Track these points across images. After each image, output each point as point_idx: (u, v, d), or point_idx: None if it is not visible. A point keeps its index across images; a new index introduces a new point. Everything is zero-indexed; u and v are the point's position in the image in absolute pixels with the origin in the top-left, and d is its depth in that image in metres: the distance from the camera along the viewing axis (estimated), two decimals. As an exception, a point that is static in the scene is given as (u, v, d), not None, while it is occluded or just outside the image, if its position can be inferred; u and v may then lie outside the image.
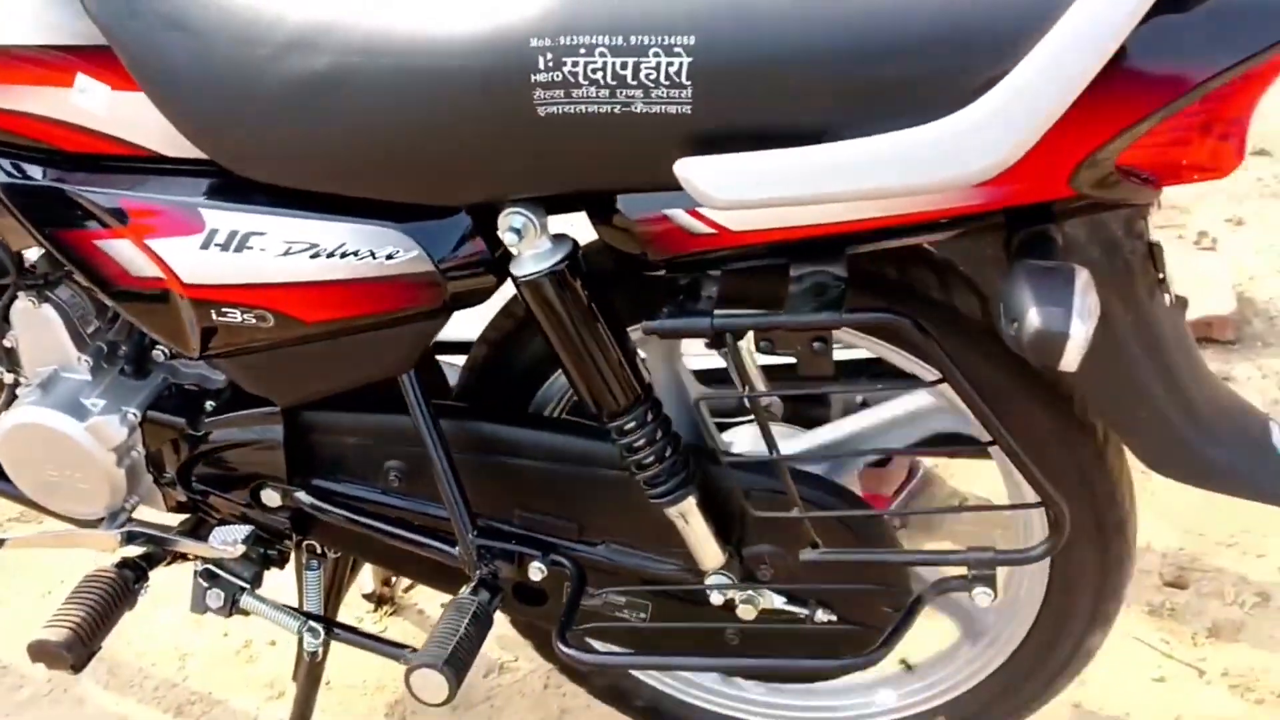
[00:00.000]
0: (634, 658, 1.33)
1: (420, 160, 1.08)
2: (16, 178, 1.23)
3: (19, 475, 1.43)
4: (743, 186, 0.97)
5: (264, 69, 1.09)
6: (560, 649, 1.25)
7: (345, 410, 1.36)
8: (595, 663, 1.35)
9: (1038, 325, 0.94)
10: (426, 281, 1.16)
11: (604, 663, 1.37)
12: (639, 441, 1.22)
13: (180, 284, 1.20)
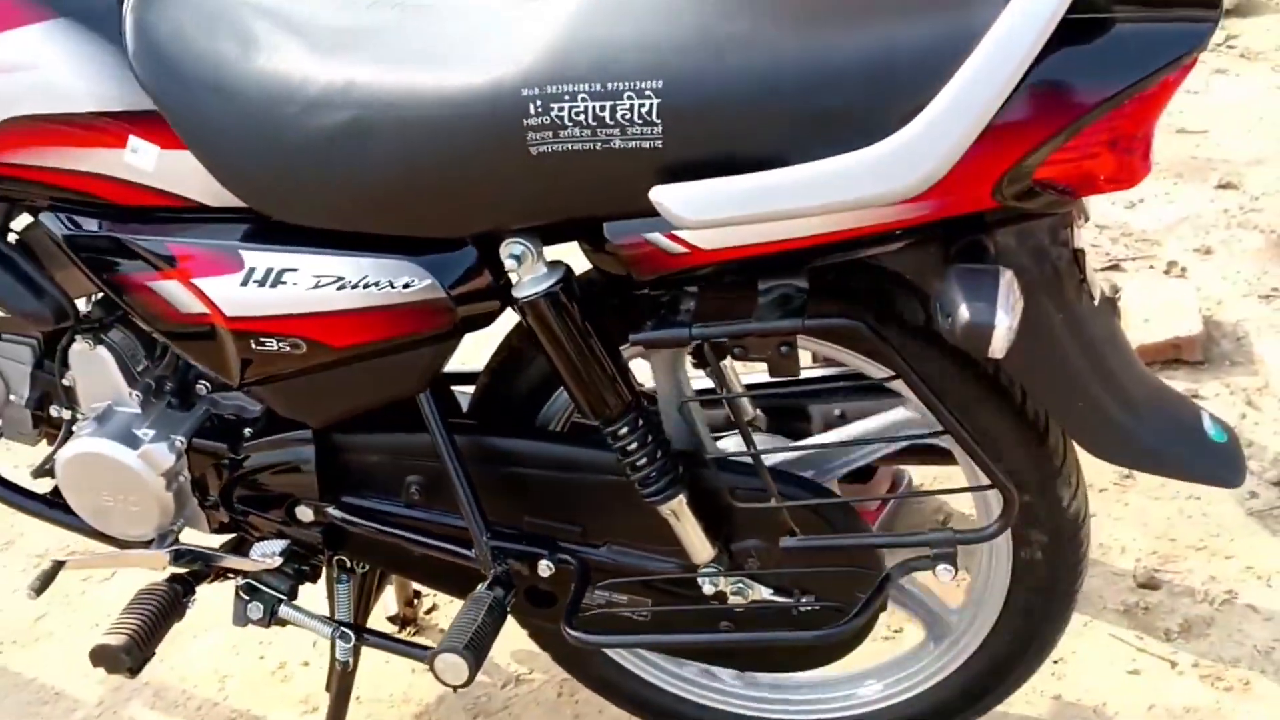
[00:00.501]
0: (634, 637, 1.45)
1: (431, 198, 1.25)
2: (76, 230, 1.40)
3: (78, 501, 1.58)
4: (708, 207, 1.13)
5: (293, 124, 1.26)
6: (567, 632, 1.39)
7: (369, 432, 1.51)
8: (599, 644, 1.47)
9: (967, 318, 1.09)
10: (439, 307, 1.32)
11: (606, 644, 1.48)
12: (631, 445, 1.36)
13: (224, 318, 1.36)
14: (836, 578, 1.43)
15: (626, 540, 1.48)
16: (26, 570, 2.19)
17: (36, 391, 1.63)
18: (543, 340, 1.32)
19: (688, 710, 1.71)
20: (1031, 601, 1.47)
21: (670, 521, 1.41)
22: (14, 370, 1.63)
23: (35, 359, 1.62)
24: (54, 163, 1.36)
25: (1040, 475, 1.36)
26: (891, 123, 1.07)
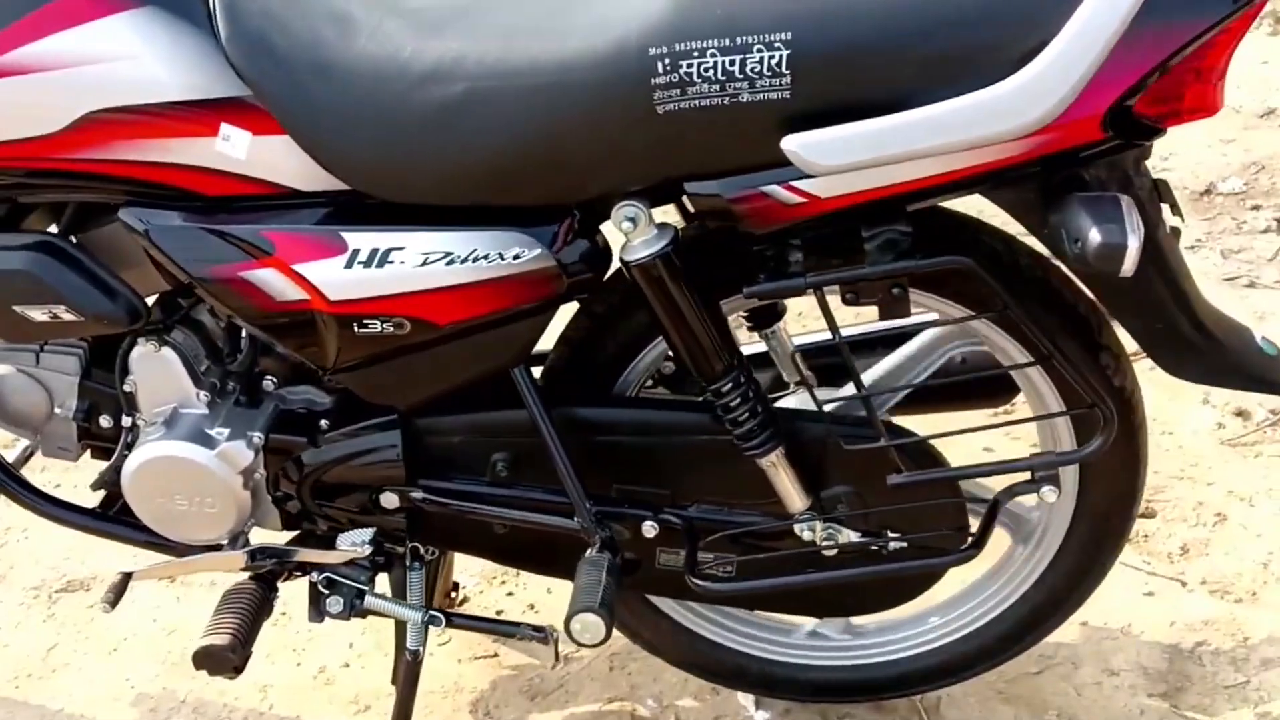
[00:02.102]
0: (755, 583, 1.49)
1: (551, 164, 1.27)
2: (162, 225, 1.37)
3: (146, 508, 1.53)
4: (843, 152, 1.19)
5: (403, 101, 1.27)
6: (694, 583, 1.42)
7: (453, 413, 1.51)
8: (725, 591, 1.49)
9: (1100, 240, 1.16)
10: (547, 276, 1.34)
11: (733, 590, 1.51)
12: (734, 401, 1.41)
13: (326, 302, 1.35)
14: (923, 514, 1.49)
15: (714, 499, 1.51)
16: (25, 604, 2.10)
17: (85, 402, 1.58)
18: (653, 302, 1.36)
19: (755, 667, 1.76)
20: (1098, 523, 1.56)
21: (768, 473, 1.45)
22: (60, 382, 1.57)
23: (83, 369, 1.57)
24: (138, 156, 1.33)
25: (1115, 400, 1.45)
26: (1011, 61, 1.14)
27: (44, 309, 1.42)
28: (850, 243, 1.31)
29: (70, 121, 1.31)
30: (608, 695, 1.87)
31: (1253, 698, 1.80)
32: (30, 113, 1.31)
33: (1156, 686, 1.83)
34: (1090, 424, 1.41)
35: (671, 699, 1.86)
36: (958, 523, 1.50)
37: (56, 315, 1.43)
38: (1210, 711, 1.79)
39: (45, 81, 1.29)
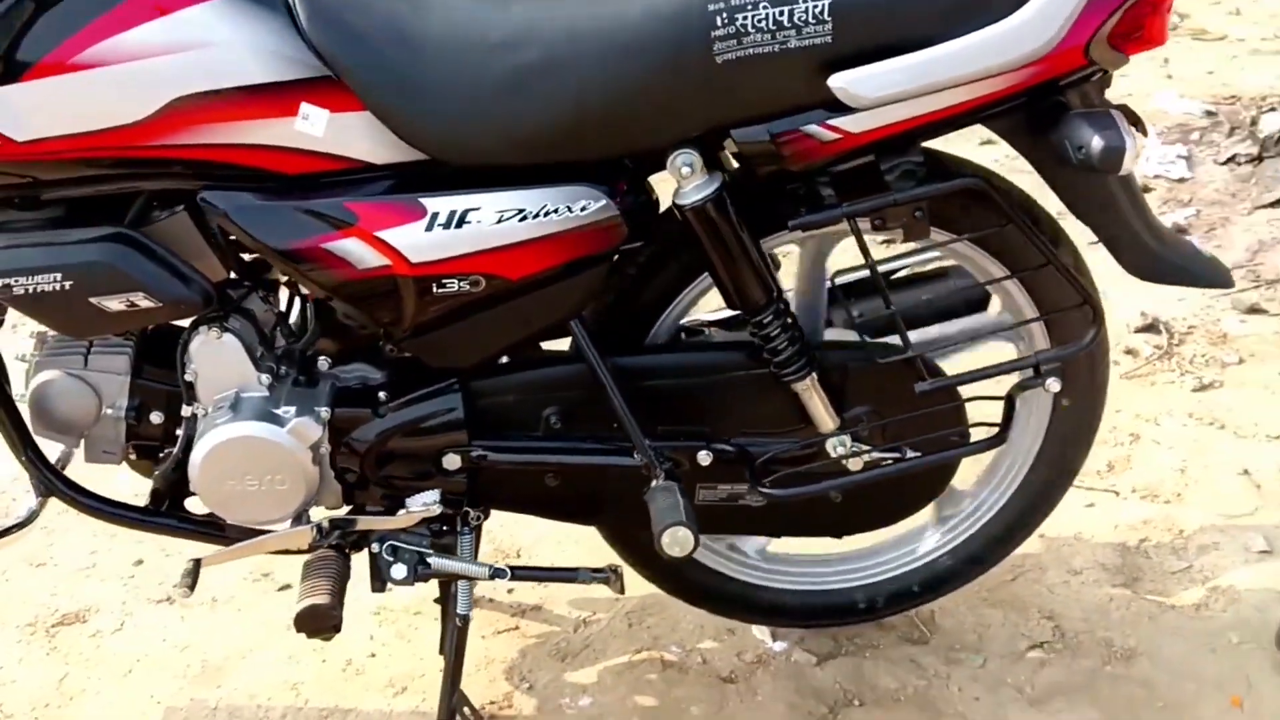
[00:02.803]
0: (814, 486, 1.63)
1: (619, 119, 1.41)
2: (247, 203, 1.44)
3: (216, 493, 1.58)
4: (885, 85, 1.37)
5: (481, 69, 1.40)
6: (761, 492, 1.57)
7: (505, 374, 1.62)
8: (789, 495, 1.62)
9: (1103, 144, 1.37)
10: (611, 225, 1.48)
11: (796, 494, 1.63)
12: (775, 331, 1.56)
13: (407, 264, 1.45)
14: (931, 420, 1.67)
15: (750, 430, 1.66)
16: (23, 641, 2.07)
17: (135, 400, 1.62)
18: (705, 241, 1.50)
19: (764, 596, 1.90)
20: (1066, 431, 1.77)
21: (803, 397, 1.61)
22: (110, 382, 1.61)
23: (132, 366, 1.61)
24: (218, 139, 1.41)
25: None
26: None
27: (122, 298, 1.47)
28: (872, 177, 1.49)
29: (156, 109, 1.38)
30: (633, 648, 1.98)
31: (1197, 578, 2.04)
32: (117, 102, 1.37)
33: (1115, 579, 2.05)
34: (1064, 329, 1.64)
35: (693, 644, 1.98)
36: (959, 424, 1.68)
37: (134, 304, 1.48)
38: (1166, 593, 2.02)
39: (131, 71, 1.36)
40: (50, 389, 1.60)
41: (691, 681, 1.91)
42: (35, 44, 1.35)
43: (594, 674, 1.95)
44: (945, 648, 1.94)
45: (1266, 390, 2.49)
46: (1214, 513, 2.17)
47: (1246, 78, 3.62)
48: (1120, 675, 1.85)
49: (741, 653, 1.96)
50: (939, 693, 1.86)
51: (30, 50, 1.35)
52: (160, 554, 2.25)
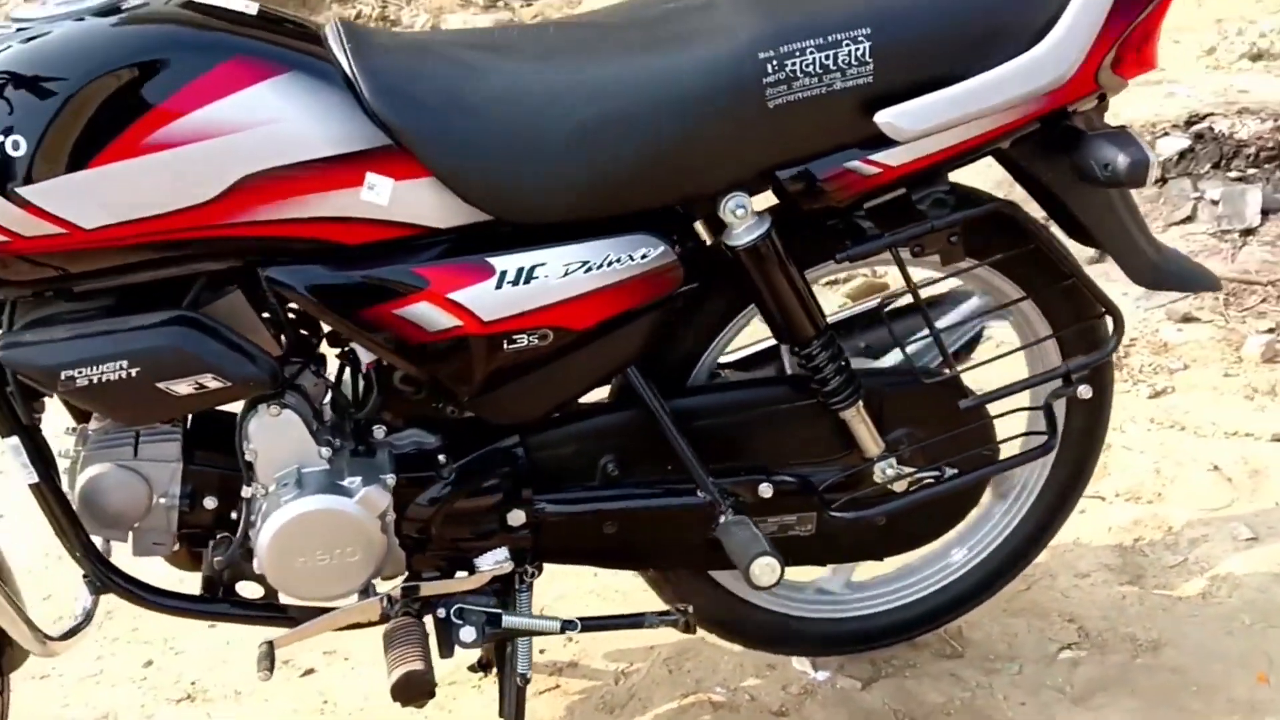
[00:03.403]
0: (886, 506, 1.68)
1: (677, 169, 1.47)
2: (314, 276, 1.45)
3: (286, 571, 1.56)
4: (926, 117, 1.47)
5: (542, 128, 1.44)
6: (833, 516, 1.62)
7: (561, 426, 1.65)
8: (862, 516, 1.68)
9: (1129, 160, 1.48)
10: (669, 270, 1.53)
11: (870, 514, 1.69)
12: (824, 361, 1.62)
13: (479, 323, 1.48)
14: (965, 439, 1.74)
15: (795, 462, 1.71)
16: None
17: (188, 487, 1.59)
18: (758, 280, 1.56)
19: (808, 629, 1.95)
20: (1083, 432, 1.87)
21: (850, 424, 1.67)
22: (161, 471, 1.58)
23: (183, 453, 1.59)
24: (285, 214, 1.42)
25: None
26: (1034, 33, 1.47)
27: (190, 381, 1.46)
28: (907, 208, 1.57)
29: (225, 188, 1.38)
30: (679, 693, 2.00)
31: (1195, 569, 2.16)
32: (186, 184, 1.37)
33: (1121, 577, 2.15)
34: (1078, 343, 1.74)
35: (737, 682, 2.01)
36: (990, 440, 1.77)
37: (202, 385, 1.47)
38: (1171, 586, 2.12)
39: (202, 151, 1.37)
40: (101, 483, 1.57)
41: (744, 719, 1.94)
42: (102, 129, 1.34)
43: (646, 722, 1.96)
44: (980, 659, 2.01)
45: (1215, 391, 2.65)
46: (1195, 508, 2.30)
47: (1133, 108, 3.86)
48: (1151, 665, 1.94)
49: (786, 685, 1.99)
50: (984, 702, 1.92)
51: (97, 136, 1.34)
52: (169, 652, 2.19)
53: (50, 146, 1.33)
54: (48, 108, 1.33)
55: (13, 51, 1.34)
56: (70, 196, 1.35)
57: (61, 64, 1.34)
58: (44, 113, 1.33)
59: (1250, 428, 2.49)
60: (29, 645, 1.53)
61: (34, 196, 1.34)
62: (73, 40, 1.35)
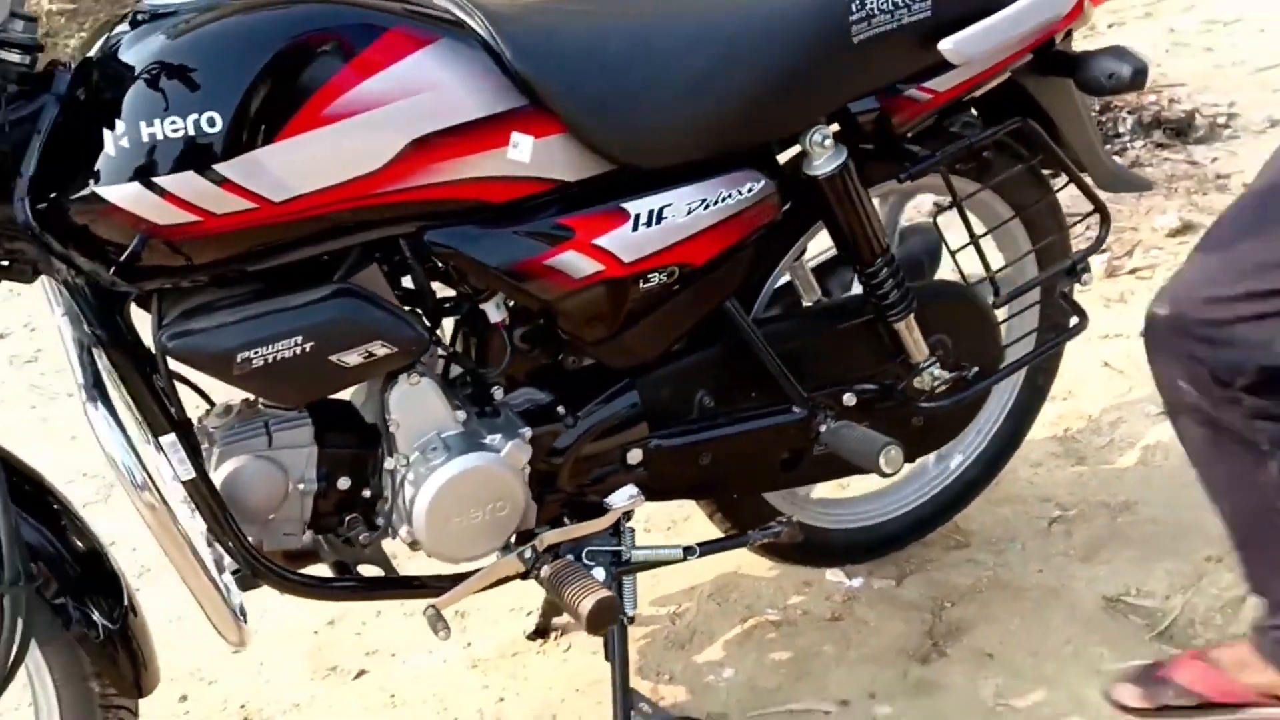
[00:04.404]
0: (971, 390, 1.88)
1: (780, 105, 1.62)
2: (470, 235, 1.51)
3: (443, 534, 1.60)
4: (983, 41, 1.67)
5: (663, 77, 1.57)
6: (923, 407, 1.83)
7: (658, 368, 1.76)
8: (947, 405, 1.87)
9: (1132, 68, 1.75)
10: (771, 202, 1.68)
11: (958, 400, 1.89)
12: (887, 280, 1.81)
13: (621, 265, 1.58)
14: (980, 340, 1.97)
15: (857, 373, 1.89)
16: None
17: (323, 469, 1.60)
18: (837, 206, 1.73)
19: (842, 540, 2.13)
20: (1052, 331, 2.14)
21: (902, 334, 1.86)
22: (296, 456, 1.58)
23: (315, 436, 1.59)
24: (444, 177, 1.47)
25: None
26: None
27: (360, 350, 1.48)
28: (946, 133, 1.79)
29: (394, 154, 1.42)
30: (737, 619, 2.13)
31: (1124, 445, 2.47)
32: (362, 150, 1.41)
33: (1069, 461, 2.45)
34: (1047, 255, 2.00)
35: (783, 602, 2.16)
36: (998, 340, 2.01)
37: (371, 354, 1.49)
38: (1111, 461, 2.43)
39: (374, 119, 1.41)
40: (241, 475, 1.55)
41: (807, 631, 2.09)
42: (287, 104, 1.36)
43: (719, 650, 2.08)
44: (985, 544, 2.24)
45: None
46: (1104, 398, 2.63)
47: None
48: (1132, 521, 2.24)
49: (830, 596, 2.16)
50: (1007, 575, 2.15)
51: (281, 110, 1.36)
52: (201, 684, 2.13)
53: (242, 122, 1.34)
54: (238, 85, 1.34)
55: (192, 35, 1.34)
56: (262, 171, 1.36)
57: (246, 43, 1.35)
58: (235, 90, 1.33)
59: (1119, 329, 2.86)
60: (228, 632, 1.50)
61: (229, 172, 1.34)
62: (253, 21, 1.37)
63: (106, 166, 1.33)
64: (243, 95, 1.34)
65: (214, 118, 1.32)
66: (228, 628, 1.50)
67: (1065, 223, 2.02)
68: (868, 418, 1.84)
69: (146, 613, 1.61)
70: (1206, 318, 1.55)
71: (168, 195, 1.33)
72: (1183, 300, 1.57)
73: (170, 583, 2.30)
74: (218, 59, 1.34)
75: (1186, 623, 2.04)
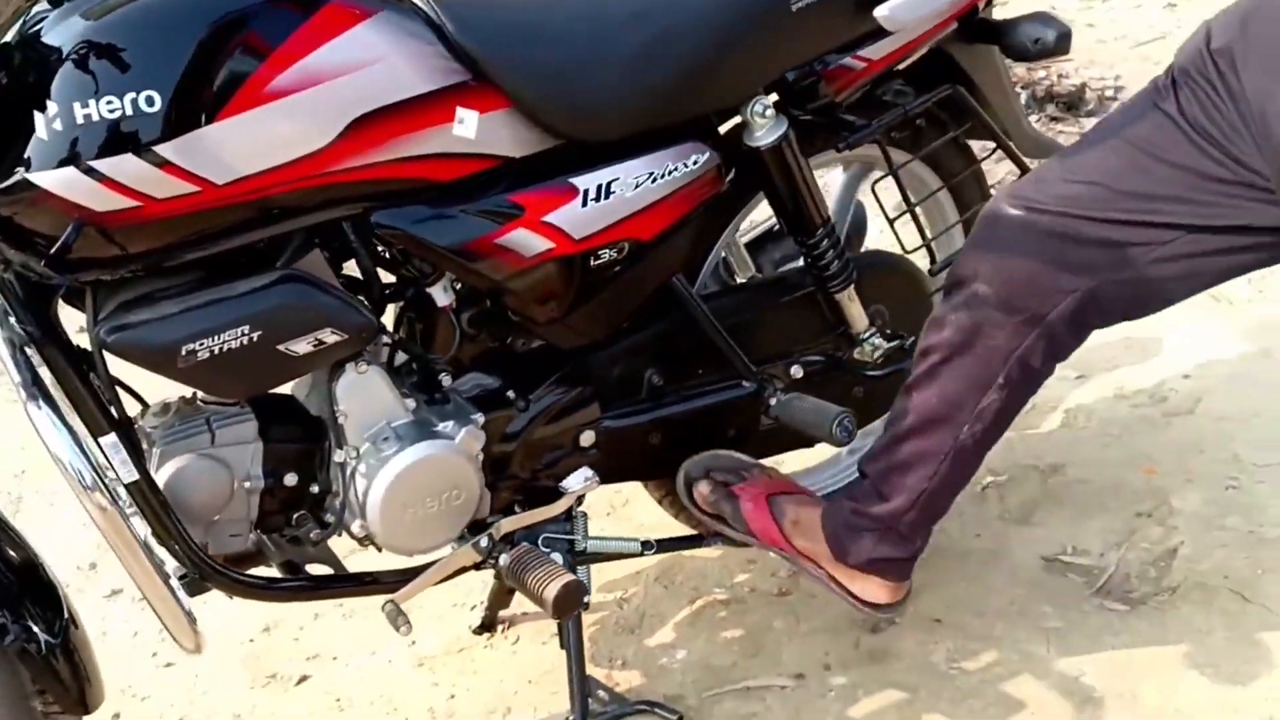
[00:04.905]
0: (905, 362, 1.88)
1: (720, 75, 1.61)
2: (418, 215, 1.47)
3: (397, 525, 1.55)
4: (918, 7, 1.67)
5: (607, 50, 1.54)
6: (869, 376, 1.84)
7: (606, 347, 1.73)
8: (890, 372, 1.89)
9: (1056, 33, 1.77)
10: (715, 174, 1.66)
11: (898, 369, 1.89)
12: (827, 251, 1.80)
13: (571, 242, 1.55)
14: (916, 308, 1.99)
15: (800, 345, 1.89)
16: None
17: (269, 465, 1.54)
18: (778, 178, 1.73)
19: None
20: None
21: (843, 304, 1.86)
22: (241, 453, 1.52)
23: (259, 431, 1.53)
24: (389, 155, 1.43)
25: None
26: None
27: (309, 338, 1.43)
28: (879, 102, 1.80)
29: (338, 132, 1.37)
30: (685, 600, 2.11)
31: (1048, 409, 2.52)
32: (307, 128, 1.36)
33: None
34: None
35: (729, 580, 2.14)
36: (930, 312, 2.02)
37: (320, 341, 1.44)
38: (1036, 426, 2.46)
39: (318, 95, 1.36)
40: (183, 476, 1.49)
41: (757, 608, 2.08)
42: (227, 80, 1.30)
43: (670, 632, 2.06)
44: (922, 513, 2.26)
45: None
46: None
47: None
48: (1062, 482, 2.28)
49: (776, 572, 2.15)
50: (948, 541, 2.16)
51: (222, 88, 1.30)
52: (134, 700, 2.04)
53: (183, 101, 1.28)
54: (177, 62, 1.27)
55: (124, 11, 1.27)
56: (204, 151, 1.30)
57: (183, 18, 1.30)
58: (174, 67, 1.27)
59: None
60: (184, 638, 1.43)
61: (170, 153, 1.28)
62: None
63: (37, 151, 1.26)
64: (182, 72, 1.28)
65: (153, 96, 1.26)
66: (183, 633, 1.43)
67: (990, 192, 2.05)
68: (814, 389, 1.84)
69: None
70: (1064, 231, 1.49)
71: (105, 180, 1.27)
72: (1039, 206, 1.52)
73: (92, 598, 2.26)
74: (154, 34, 1.28)
75: (1122, 577, 2.09)
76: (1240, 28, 1.39)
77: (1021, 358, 1.57)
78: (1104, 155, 1.50)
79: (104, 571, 2.31)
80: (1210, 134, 1.40)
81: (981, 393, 1.61)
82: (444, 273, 1.54)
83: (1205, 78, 1.40)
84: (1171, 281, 1.51)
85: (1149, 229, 1.46)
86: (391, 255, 1.53)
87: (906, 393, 1.69)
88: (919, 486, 1.67)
